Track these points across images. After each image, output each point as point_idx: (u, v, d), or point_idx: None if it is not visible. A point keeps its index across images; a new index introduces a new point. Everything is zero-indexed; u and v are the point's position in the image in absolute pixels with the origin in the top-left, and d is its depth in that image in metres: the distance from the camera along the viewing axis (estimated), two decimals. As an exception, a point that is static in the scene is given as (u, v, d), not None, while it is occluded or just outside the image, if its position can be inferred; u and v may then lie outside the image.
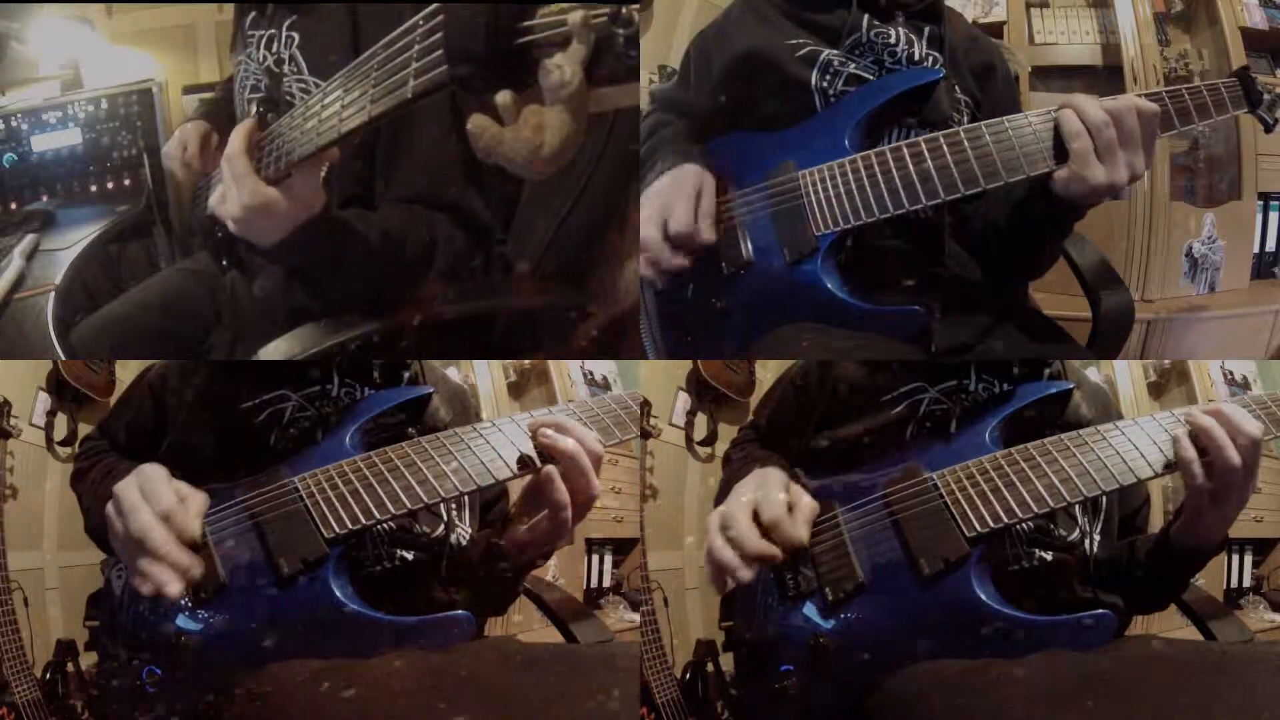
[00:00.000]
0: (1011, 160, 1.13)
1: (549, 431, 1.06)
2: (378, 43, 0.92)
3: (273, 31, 1.27)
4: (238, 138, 1.06)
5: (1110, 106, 1.09)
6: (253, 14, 1.31)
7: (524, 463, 1.07)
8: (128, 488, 1.01)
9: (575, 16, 0.80)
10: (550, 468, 1.05)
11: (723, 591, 1.12)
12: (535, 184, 1.33)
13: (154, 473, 1.03)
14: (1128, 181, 1.10)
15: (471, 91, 0.85)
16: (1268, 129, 1.21)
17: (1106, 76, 2.33)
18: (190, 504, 1.02)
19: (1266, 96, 1.18)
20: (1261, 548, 2.62)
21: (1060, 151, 1.11)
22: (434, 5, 0.85)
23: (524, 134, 0.85)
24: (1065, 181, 1.11)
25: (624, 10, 0.80)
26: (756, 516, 1.05)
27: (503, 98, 0.85)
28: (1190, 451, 1.02)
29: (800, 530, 1.05)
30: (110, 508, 1.02)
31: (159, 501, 1.00)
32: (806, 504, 1.07)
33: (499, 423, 1.09)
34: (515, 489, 1.33)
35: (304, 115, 1.02)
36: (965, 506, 1.03)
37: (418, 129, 1.21)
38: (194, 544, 1.00)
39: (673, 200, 1.20)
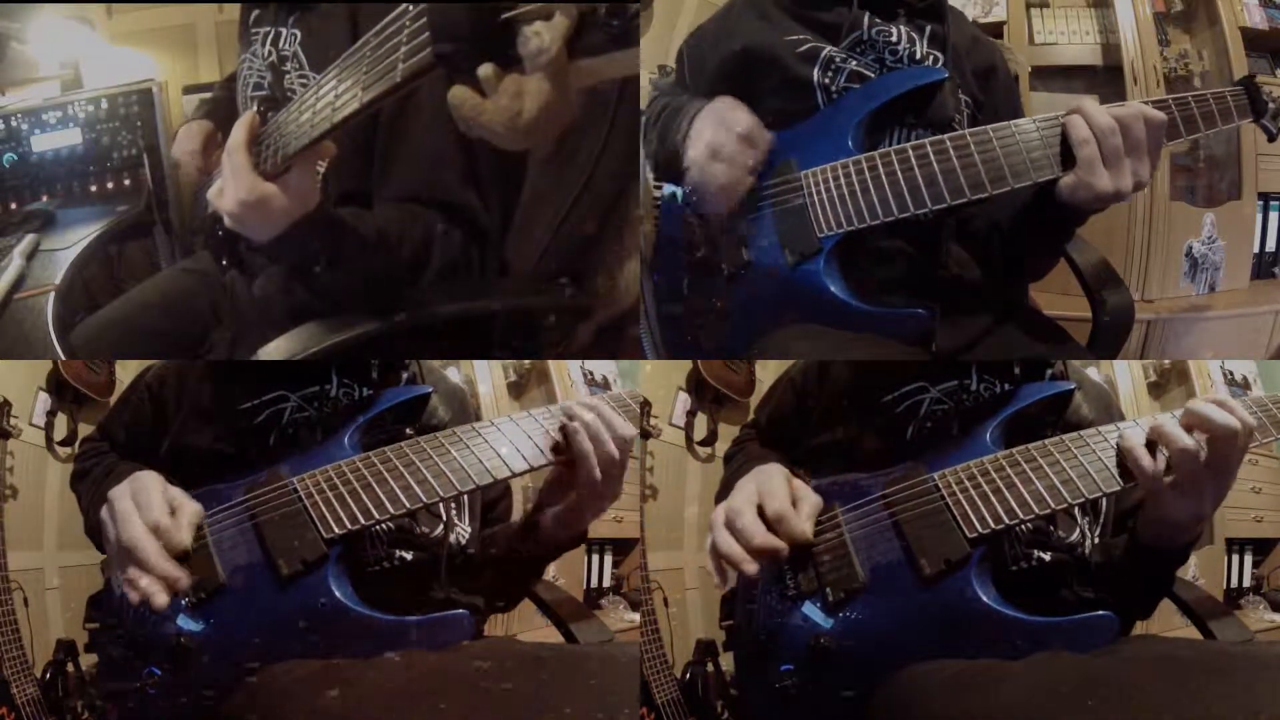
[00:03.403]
0: (1018, 165, 1.13)
1: (574, 423, 1.07)
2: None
3: (277, 29, 1.27)
4: (239, 132, 1.06)
5: (1118, 114, 1.09)
6: (256, 11, 1.31)
7: (556, 449, 1.08)
8: (121, 495, 1.02)
9: None
10: (576, 427, 1.06)
11: (725, 586, 1.12)
12: (535, 183, 1.32)
13: (148, 480, 1.03)
14: (1133, 189, 1.09)
15: (457, 70, 0.85)
16: (1271, 138, 1.21)
17: (1106, 77, 2.32)
18: (182, 514, 1.02)
19: (1271, 105, 1.18)
20: (1261, 548, 2.62)
21: (1066, 157, 1.11)
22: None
23: (502, 102, 0.85)
24: (1071, 188, 1.11)
25: None
26: (761, 512, 1.05)
27: (485, 70, 0.85)
28: (1131, 441, 1.00)
29: (805, 525, 1.05)
30: (104, 512, 1.02)
31: (150, 511, 1.00)
32: (811, 500, 1.07)
33: (498, 422, 1.09)
34: (517, 488, 1.33)
35: (299, 109, 1.02)
36: (966, 507, 1.03)
37: (415, 127, 1.21)
38: (184, 554, 1.00)
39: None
